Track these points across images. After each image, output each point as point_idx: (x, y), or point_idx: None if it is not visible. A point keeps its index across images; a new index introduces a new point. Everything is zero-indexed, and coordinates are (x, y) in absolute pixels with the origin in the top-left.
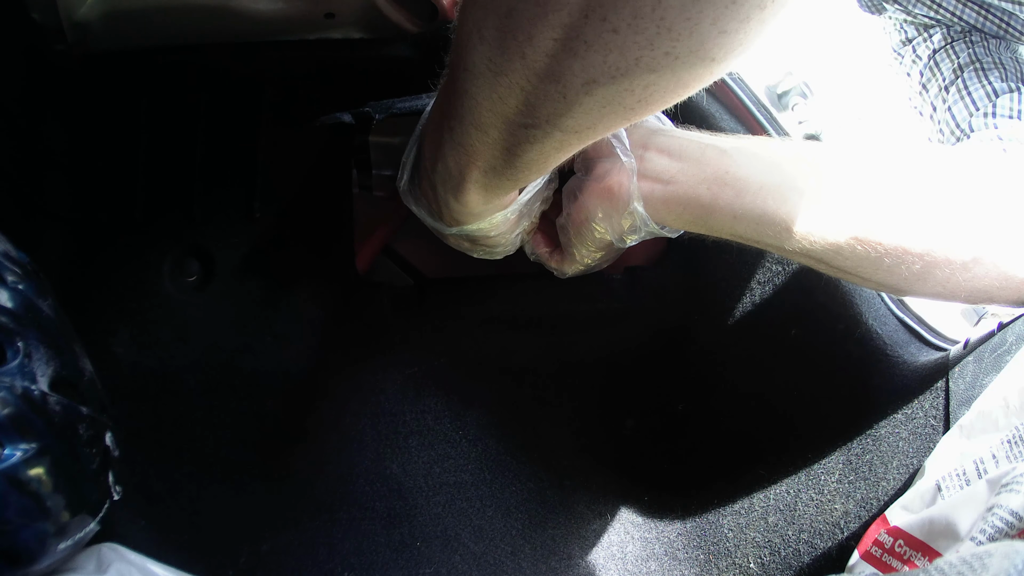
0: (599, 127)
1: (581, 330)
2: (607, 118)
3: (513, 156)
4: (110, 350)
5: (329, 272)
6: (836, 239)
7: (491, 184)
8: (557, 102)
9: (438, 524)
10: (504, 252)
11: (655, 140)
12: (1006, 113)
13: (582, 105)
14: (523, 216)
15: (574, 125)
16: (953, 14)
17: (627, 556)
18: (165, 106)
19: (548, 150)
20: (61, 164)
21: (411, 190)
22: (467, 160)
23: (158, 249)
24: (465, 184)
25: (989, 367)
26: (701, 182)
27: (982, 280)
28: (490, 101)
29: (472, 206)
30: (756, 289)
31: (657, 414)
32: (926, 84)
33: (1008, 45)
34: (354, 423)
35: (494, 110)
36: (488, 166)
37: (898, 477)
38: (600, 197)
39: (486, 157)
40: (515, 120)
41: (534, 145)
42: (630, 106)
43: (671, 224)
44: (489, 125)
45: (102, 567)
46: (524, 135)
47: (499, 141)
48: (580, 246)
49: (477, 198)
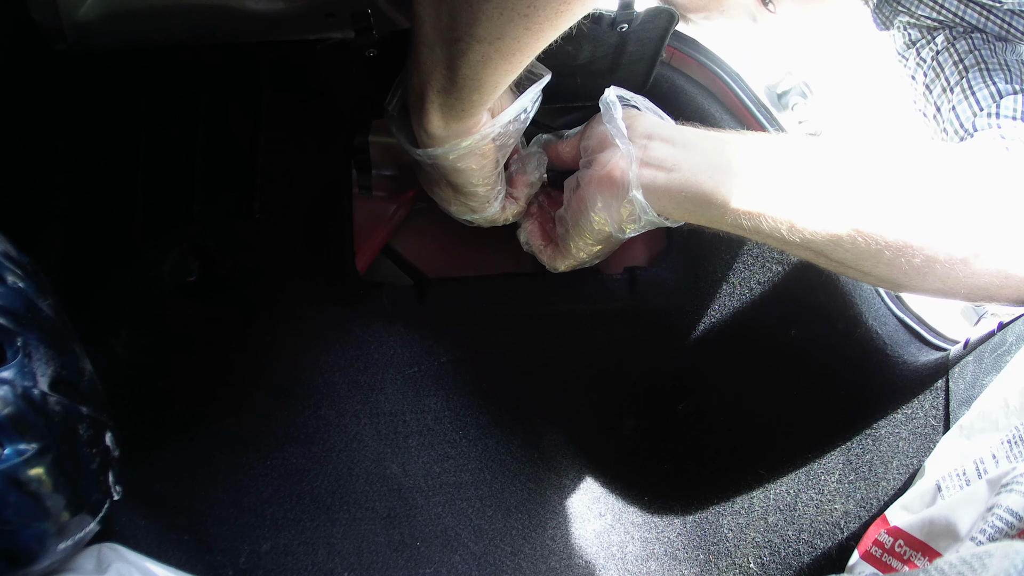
0: (507, 37)
1: (581, 330)
2: (509, 26)
3: (453, 72)
4: (110, 350)
5: (329, 272)
6: (837, 231)
7: (446, 104)
8: (467, 11)
9: (438, 524)
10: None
11: (658, 130)
12: (1010, 114)
13: (484, 12)
14: (495, 153)
15: (485, 34)
16: (955, 15)
17: (627, 556)
18: (165, 106)
19: (476, 64)
20: (61, 164)
21: (396, 117)
22: (424, 78)
23: (158, 249)
24: (426, 104)
25: (989, 367)
26: (703, 170)
27: (982, 277)
28: (431, 19)
29: (433, 127)
30: (756, 289)
31: (657, 414)
32: (929, 85)
33: (1013, 47)
34: (354, 423)
35: (434, 27)
36: (440, 85)
37: (898, 477)
38: (600, 185)
39: (437, 76)
40: (447, 35)
41: (463, 58)
42: (522, 12)
43: (672, 214)
44: (433, 42)
45: (102, 567)
46: (455, 49)
47: (442, 59)
48: (578, 238)
49: (437, 118)
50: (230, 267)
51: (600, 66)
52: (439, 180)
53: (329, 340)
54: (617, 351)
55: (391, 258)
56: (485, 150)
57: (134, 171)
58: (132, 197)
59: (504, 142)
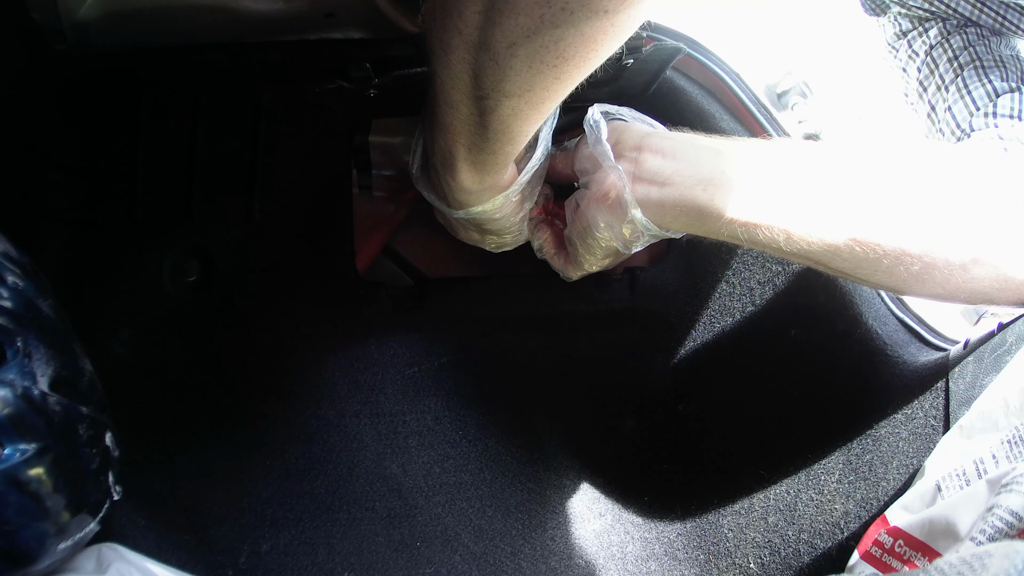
0: (537, 89)
1: (581, 330)
2: (538, 78)
3: (483, 128)
4: (110, 350)
5: (329, 272)
6: (834, 240)
7: (478, 161)
8: (493, 68)
9: (438, 524)
10: (515, 240)
11: (648, 141)
12: (1006, 113)
13: (512, 67)
14: (525, 199)
15: (514, 89)
16: (948, 6)
17: (627, 556)
18: (165, 106)
19: (507, 118)
20: (61, 164)
21: (422, 176)
22: (452, 138)
23: (158, 249)
24: (456, 162)
25: (989, 367)
26: (697, 183)
27: (981, 281)
28: (450, 79)
29: (467, 184)
30: (756, 289)
31: (657, 414)
32: (923, 82)
33: (1007, 41)
34: (354, 423)
35: (456, 87)
36: (469, 142)
37: (898, 477)
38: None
39: (464, 133)
40: (471, 93)
41: (493, 115)
42: (551, 63)
43: (670, 227)
44: (457, 102)
45: (102, 567)
46: (482, 106)
47: (468, 116)
48: (588, 255)
49: (470, 176)
50: (230, 267)
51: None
52: (468, 227)
53: (329, 340)
54: (617, 351)
55: (391, 258)
56: (518, 199)
57: (134, 171)
58: (132, 197)
59: (535, 184)
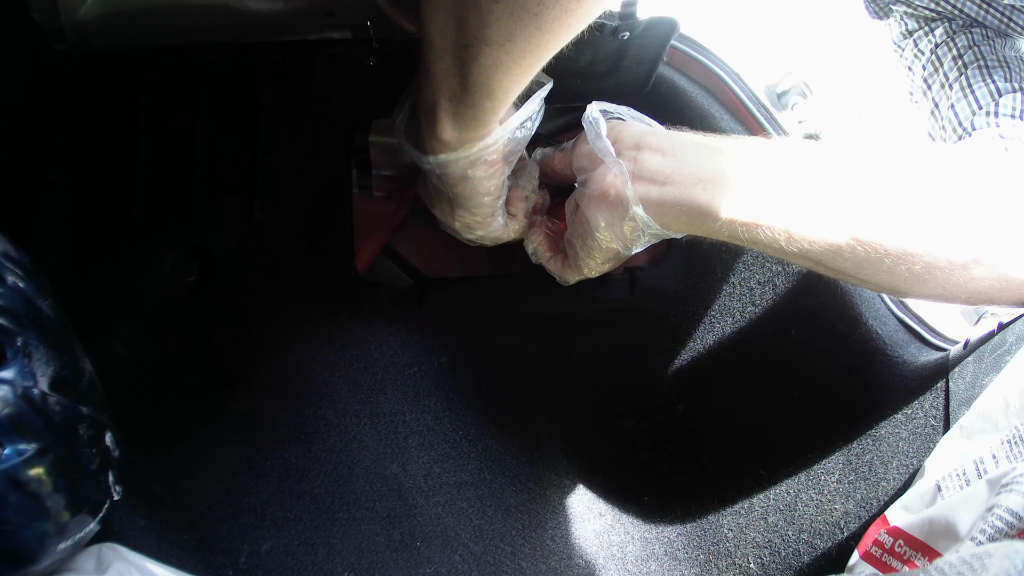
0: (517, 39)
1: (581, 330)
2: (519, 26)
3: (464, 79)
4: (110, 350)
5: (329, 272)
6: (836, 240)
7: (458, 113)
8: (476, 14)
9: (438, 524)
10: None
11: (647, 140)
12: (1008, 113)
13: (493, 13)
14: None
15: (496, 37)
16: (954, 7)
17: (627, 556)
18: (165, 106)
19: (487, 69)
20: (61, 163)
21: (407, 129)
22: (435, 87)
23: (158, 249)
24: (437, 112)
25: (989, 367)
26: (697, 183)
27: (982, 282)
28: (437, 27)
29: (445, 135)
30: (756, 289)
31: (657, 414)
32: (927, 80)
33: (1012, 43)
34: (354, 423)
35: (441, 35)
36: (451, 93)
37: (898, 477)
38: (599, 204)
39: (447, 84)
40: (456, 41)
41: (474, 64)
42: (532, 10)
43: (670, 227)
44: (441, 49)
45: (102, 567)
46: (465, 55)
47: (452, 65)
48: (588, 258)
49: (449, 127)
50: (230, 267)
51: (600, 69)
52: (442, 194)
53: (329, 340)
54: (617, 351)
55: (391, 258)
56: (494, 159)
57: (134, 171)
58: (132, 197)
59: (512, 149)
